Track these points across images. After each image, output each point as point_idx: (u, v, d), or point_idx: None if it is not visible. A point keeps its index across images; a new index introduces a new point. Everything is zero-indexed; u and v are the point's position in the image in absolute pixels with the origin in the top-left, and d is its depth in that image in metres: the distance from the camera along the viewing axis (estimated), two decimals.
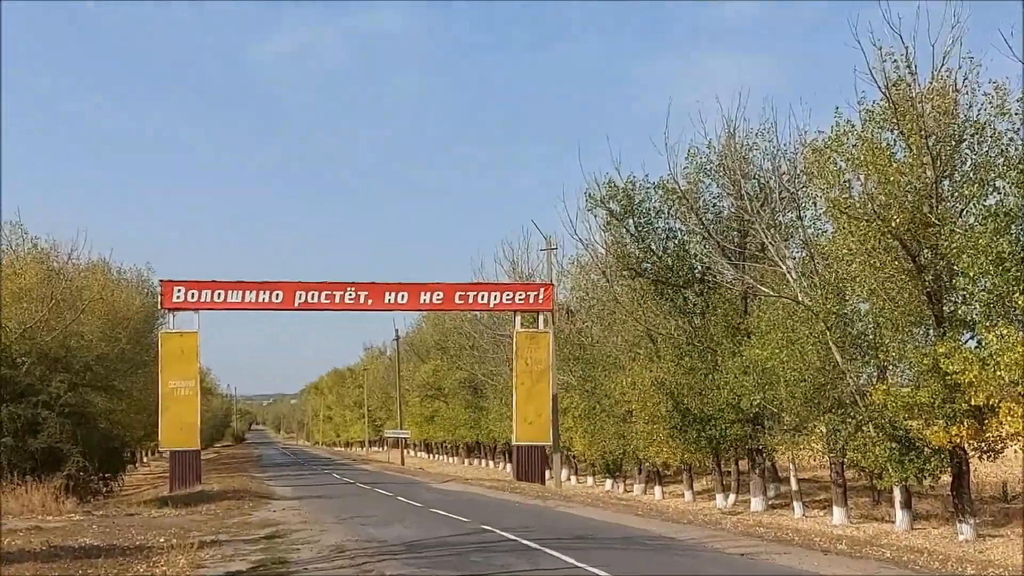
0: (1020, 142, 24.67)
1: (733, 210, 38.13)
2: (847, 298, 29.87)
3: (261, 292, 46.91)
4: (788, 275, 32.44)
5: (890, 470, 27.94)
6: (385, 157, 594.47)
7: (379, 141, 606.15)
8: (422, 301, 49.18)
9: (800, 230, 34.29)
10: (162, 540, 22.45)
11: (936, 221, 25.34)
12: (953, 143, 26.13)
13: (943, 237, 24.93)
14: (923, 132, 25.60)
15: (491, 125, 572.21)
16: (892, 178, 25.66)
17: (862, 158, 26.18)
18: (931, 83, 26.37)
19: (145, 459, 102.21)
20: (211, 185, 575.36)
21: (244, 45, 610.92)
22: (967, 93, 26.04)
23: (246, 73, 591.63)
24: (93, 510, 32.73)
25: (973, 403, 23.81)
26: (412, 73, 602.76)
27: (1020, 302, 22.07)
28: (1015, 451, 26.42)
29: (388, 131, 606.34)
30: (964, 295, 25.21)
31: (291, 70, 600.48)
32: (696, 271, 39.96)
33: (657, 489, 48.66)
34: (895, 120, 26.07)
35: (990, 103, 25.29)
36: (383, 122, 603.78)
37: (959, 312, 25.77)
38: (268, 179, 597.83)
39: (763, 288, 34.06)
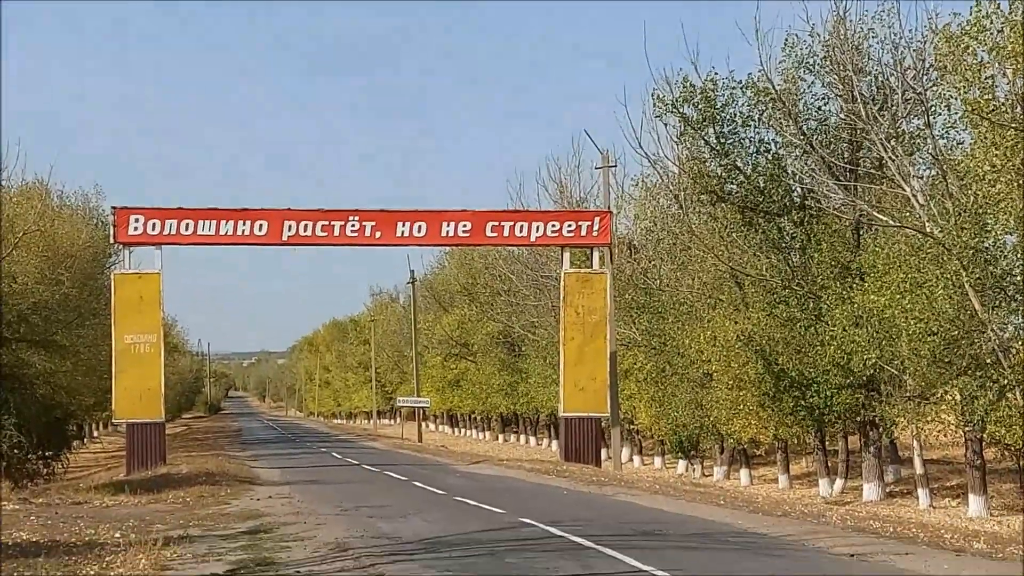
0: None
1: (842, 116, 37.84)
2: (989, 229, 29.64)
3: (240, 222, 46.93)
4: (913, 199, 32.21)
5: None
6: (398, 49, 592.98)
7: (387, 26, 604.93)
8: (444, 234, 49.08)
9: (929, 141, 34.00)
10: (118, 535, 22.65)
11: None
12: None
13: None
14: None
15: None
16: None
17: (1010, 48, 25.86)
18: None
19: (96, 433, 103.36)
20: (179, 85, 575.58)
21: None
22: None
23: None
24: (31, 497, 33.07)
25: None
26: None
27: None
28: None
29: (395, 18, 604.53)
30: None
31: None
32: (795, 194, 39.75)
33: (743, 473, 48.75)
34: None
35: None
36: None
37: None
38: (251, 80, 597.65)
39: (880, 216, 33.84)
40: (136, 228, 46.19)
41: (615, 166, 53.32)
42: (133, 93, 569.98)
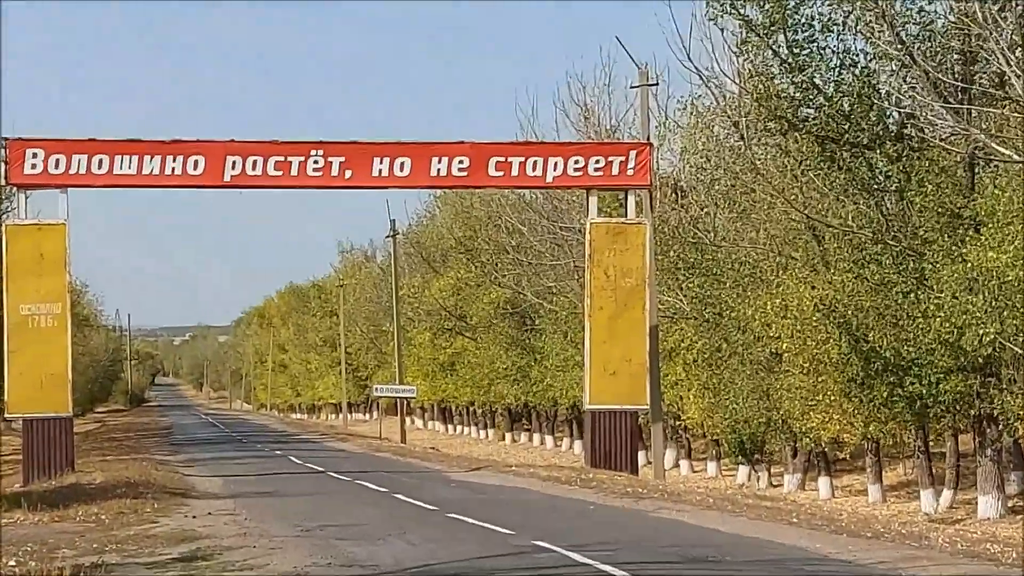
0: None
1: (953, 19, 37.75)
2: None
3: (169, 158, 46.49)
4: None
5: None
6: None
7: None
8: (435, 173, 48.70)
9: None
10: (12, 563, 22.73)
11: None
12: None
13: None
14: None
15: None
16: None
17: None
18: None
19: None
20: None
21: None
22: None
23: None
24: None
25: None
26: None
27: None
28: None
29: None
30: None
31: None
32: (890, 121, 39.72)
33: (822, 482, 48.81)
34: None
35: None
36: None
37: None
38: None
39: (1001, 148, 33.80)
40: (35, 165, 45.87)
41: (656, 85, 53.36)
42: None
